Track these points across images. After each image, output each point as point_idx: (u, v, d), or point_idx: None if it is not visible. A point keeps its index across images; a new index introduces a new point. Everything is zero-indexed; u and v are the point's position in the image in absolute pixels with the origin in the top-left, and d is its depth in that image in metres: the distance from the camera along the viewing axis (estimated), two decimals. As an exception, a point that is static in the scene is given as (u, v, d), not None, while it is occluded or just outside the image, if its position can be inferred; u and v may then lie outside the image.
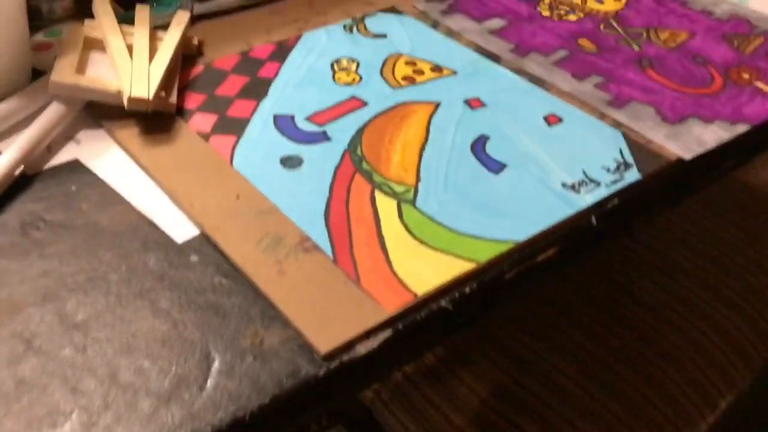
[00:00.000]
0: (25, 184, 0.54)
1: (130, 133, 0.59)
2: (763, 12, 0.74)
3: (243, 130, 0.59)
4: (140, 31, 0.64)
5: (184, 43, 0.67)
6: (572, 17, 0.75)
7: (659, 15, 0.75)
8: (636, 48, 0.70)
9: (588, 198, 0.53)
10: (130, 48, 0.62)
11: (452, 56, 0.69)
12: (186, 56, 0.68)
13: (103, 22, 0.64)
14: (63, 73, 0.58)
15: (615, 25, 0.73)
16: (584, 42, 0.71)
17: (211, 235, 0.50)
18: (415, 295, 0.46)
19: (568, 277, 0.81)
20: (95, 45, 0.64)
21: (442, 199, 0.53)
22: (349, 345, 0.43)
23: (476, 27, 0.73)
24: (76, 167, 0.56)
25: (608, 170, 0.55)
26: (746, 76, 0.66)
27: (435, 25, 0.73)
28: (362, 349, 0.43)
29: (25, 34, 0.61)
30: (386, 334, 0.44)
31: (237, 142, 0.58)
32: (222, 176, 0.55)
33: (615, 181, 0.54)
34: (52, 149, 0.57)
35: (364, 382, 0.45)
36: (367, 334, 0.44)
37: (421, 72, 0.67)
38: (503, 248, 0.49)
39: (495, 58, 0.69)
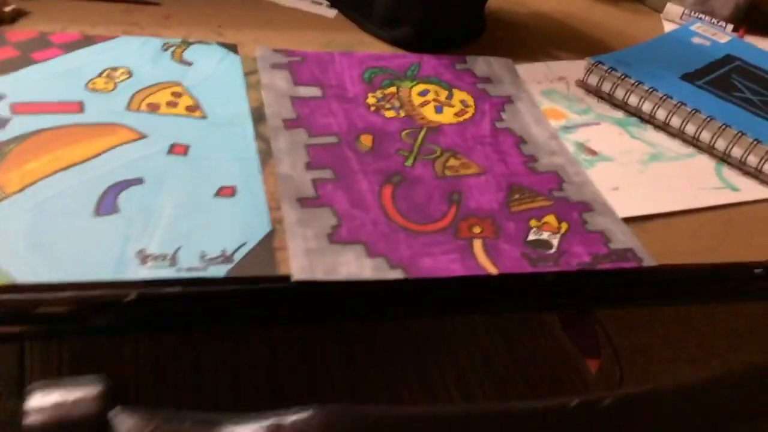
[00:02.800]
0: None
1: None
2: (588, 185, 0.64)
3: (-56, 91, 0.60)
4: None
5: (-4, 5, 0.69)
6: (390, 113, 0.69)
7: (479, 143, 0.67)
8: (408, 163, 0.63)
9: (142, 272, 0.48)
10: None
11: (224, 103, 0.65)
12: (-5, 19, 0.69)
13: None
14: None
15: (419, 136, 0.66)
16: (365, 138, 0.65)
17: None
18: None
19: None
20: None
21: (14, 216, 0.50)
22: None
23: (286, 88, 0.69)
24: None
25: (203, 257, 0.50)
26: (477, 230, 0.57)
27: (249, 73, 0.70)
28: None
29: None
30: None
31: None
32: None
33: (192, 269, 0.49)
34: None
35: None
36: None
37: (174, 104, 0.64)
38: (-10, 279, 0.45)
39: (261, 118, 0.64)
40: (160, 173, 0.56)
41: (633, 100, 0.74)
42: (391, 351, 0.73)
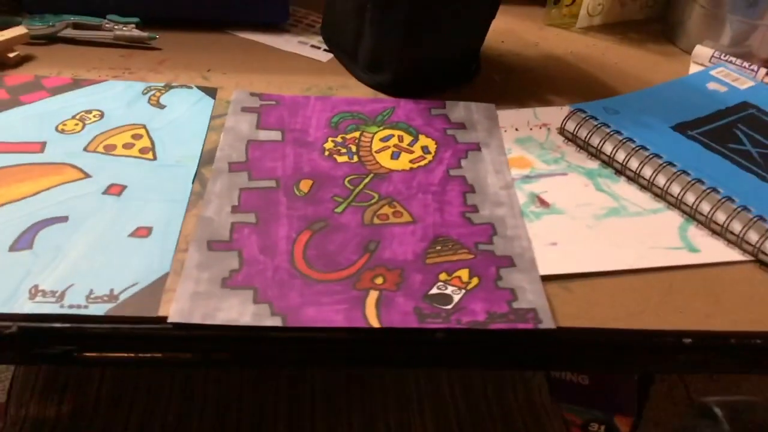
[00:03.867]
0: None
1: None
2: (520, 239, 0.62)
3: (-75, 131, 0.66)
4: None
5: (5, 50, 0.76)
6: (342, 158, 0.69)
7: (422, 192, 0.66)
8: (338, 210, 0.63)
9: (27, 307, 0.51)
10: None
11: (178, 146, 0.69)
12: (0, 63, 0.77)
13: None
14: None
15: (362, 182, 0.67)
16: (304, 183, 0.66)
17: None
18: None
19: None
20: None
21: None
22: None
23: (247, 132, 0.71)
24: None
25: (89, 296, 0.53)
26: (379, 281, 0.56)
27: (217, 116, 0.73)
28: None
29: None
30: None
31: None
32: None
33: (74, 306, 0.52)
34: None
35: None
36: None
37: (130, 146, 0.68)
38: None
39: (209, 161, 0.67)
40: (87, 213, 0.60)
41: (607, 149, 0.71)
42: (338, 399, 0.73)
